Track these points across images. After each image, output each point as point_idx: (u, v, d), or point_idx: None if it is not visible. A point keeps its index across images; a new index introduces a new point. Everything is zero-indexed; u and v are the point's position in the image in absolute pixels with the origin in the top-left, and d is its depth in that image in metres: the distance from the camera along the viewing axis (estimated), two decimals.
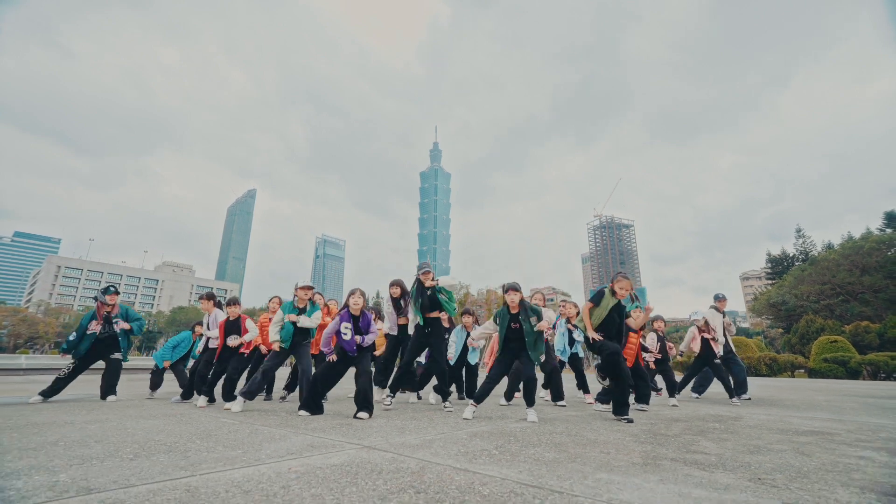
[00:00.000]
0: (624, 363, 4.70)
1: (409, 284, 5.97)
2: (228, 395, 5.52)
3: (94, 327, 5.73)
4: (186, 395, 6.00)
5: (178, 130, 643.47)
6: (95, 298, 6.02)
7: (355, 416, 4.27)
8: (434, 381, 6.05)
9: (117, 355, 5.87)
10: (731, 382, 6.94)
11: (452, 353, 6.18)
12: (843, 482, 2.13)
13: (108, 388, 5.78)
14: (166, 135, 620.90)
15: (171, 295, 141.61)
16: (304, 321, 5.08)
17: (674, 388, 6.47)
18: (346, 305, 4.79)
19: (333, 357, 4.64)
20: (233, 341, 5.61)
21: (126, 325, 5.97)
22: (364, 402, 4.37)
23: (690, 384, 8.03)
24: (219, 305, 6.50)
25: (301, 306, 5.19)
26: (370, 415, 4.32)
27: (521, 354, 4.56)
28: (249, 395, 4.84)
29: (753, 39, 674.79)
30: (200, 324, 6.81)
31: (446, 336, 6.15)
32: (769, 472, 2.31)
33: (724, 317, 7.33)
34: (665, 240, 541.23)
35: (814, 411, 5.77)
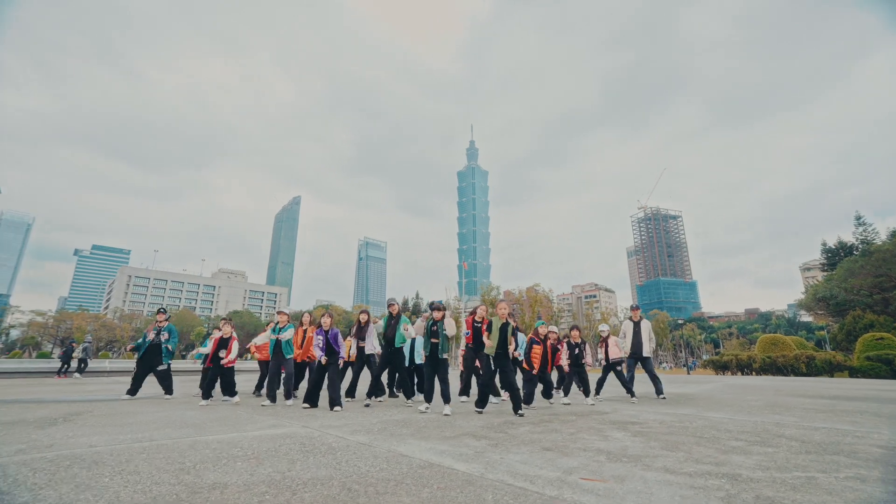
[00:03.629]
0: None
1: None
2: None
3: (150, 335, 8.29)
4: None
5: (231, 143, 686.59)
6: (158, 311, 8.68)
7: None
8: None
9: (161, 367, 8.27)
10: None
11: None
12: (554, 448, 3.82)
13: (165, 389, 8.30)
14: (221, 148, 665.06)
15: (227, 300, 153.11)
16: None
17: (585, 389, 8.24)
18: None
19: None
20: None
21: (166, 336, 8.40)
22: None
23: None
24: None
25: (282, 326, 7.56)
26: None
27: (436, 351, 6.51)
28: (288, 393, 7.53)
29: (824, 7, 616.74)
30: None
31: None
32: (516, 439, 4.02)
33: (645, 325, 8.67)
34: (726, 229, 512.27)
35: (679, 407, 7.10)
